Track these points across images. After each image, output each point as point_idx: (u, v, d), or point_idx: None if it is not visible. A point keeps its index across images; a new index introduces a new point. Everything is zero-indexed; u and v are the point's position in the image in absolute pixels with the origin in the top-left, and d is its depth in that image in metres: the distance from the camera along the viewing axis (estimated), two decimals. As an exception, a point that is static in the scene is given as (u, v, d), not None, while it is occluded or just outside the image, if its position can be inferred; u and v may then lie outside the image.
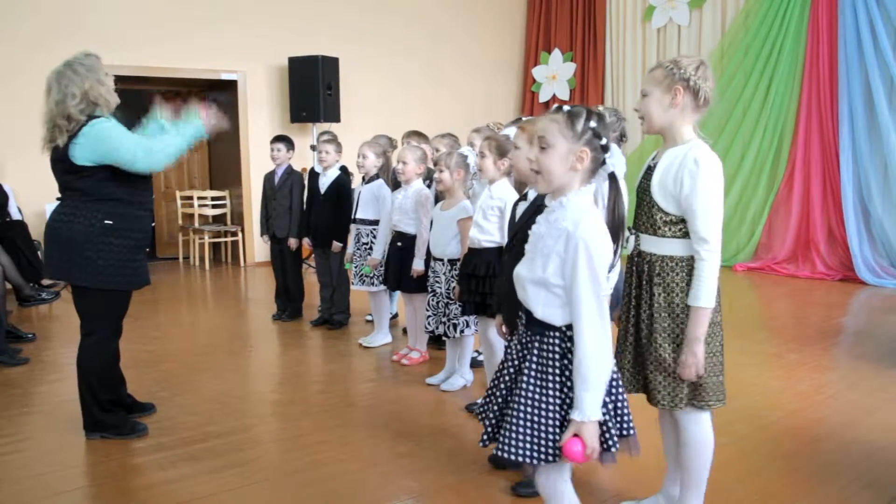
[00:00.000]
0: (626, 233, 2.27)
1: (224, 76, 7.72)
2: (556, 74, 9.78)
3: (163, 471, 2.84)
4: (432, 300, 3.83)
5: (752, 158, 7.70)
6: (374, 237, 4.55)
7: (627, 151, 8.68)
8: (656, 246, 2.14)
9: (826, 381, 3.93)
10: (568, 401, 1.75)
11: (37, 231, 6.36)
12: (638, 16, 8.98)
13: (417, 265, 4.05)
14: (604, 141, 1.76)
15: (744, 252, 7.75)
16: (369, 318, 5.18)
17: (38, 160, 6.65)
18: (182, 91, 8.59)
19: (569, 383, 1.75)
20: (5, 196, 6.01)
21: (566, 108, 1.78)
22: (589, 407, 1.68)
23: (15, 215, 6.17)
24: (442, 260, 3.78)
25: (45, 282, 6.14)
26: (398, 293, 5.01)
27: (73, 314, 3.08)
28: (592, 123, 1.75)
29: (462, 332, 3.71)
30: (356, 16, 8.45)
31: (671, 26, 8.62)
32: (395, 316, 5.27)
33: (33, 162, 6.44)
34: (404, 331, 4.84)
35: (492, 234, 3.31)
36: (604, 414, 1.75)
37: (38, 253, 6.20)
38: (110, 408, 3.16)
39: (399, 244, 4.19)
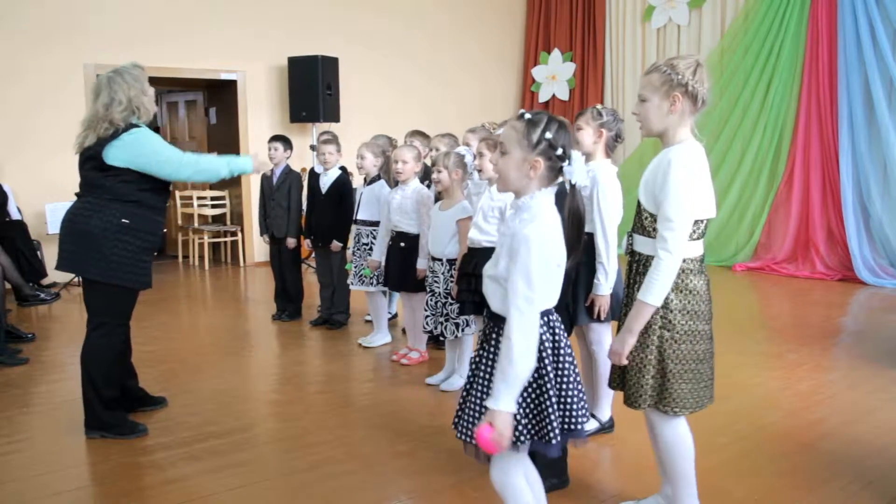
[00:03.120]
0: (626, 235, 2.28)
1: (224, 76, 7.72)
2: (555, 74, 9.78)
3: (163, 471, 2.84)
4: (431, 300, 3.83)
5: (752, 158, 7.70)
6: (375, 238, 4.55)
7: (627, 153, 8.72)
8: (644, 245, 2.15)
9: (826, 381, 3.93)
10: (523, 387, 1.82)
11: (36, 231, 6.38)
12: (637, 16, 8.98)
13: (421, 265, 4.05)
14: (559, 151, 1.79)
15: (743, 252, 7.75)
16: (368, 318, 5.18)
17: (37, 160, 6.69)
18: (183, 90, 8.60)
19: None
20: (5, 196, 6.02)
21: (527, 115, 1.82)
22: (503, 398, 1.73)
23: (14, 215, 6.17)
24: (441, 260, 3.79)
25: (45, 282, 6.15)
26: (397, 293, 5.02)
27: (73, 314, 3.10)
28: (549, 134, 1.78)
29: (462, 331, 3.71)
30: (356, 16, 8.45)
31: (671, 26, 8.62)
32: (394, 316, 5.28)
33: (33, 162, 6.50)
34: (403, 331, 4.84)
35: (491, 234, 3.32)
36: (547, 406, 1.81)
37: (38, 253, 6.21)
38: (112, 406, 3.18)
39: (402, 244, 4.19)
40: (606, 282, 2.87)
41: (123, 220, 3.03)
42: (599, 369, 3.04)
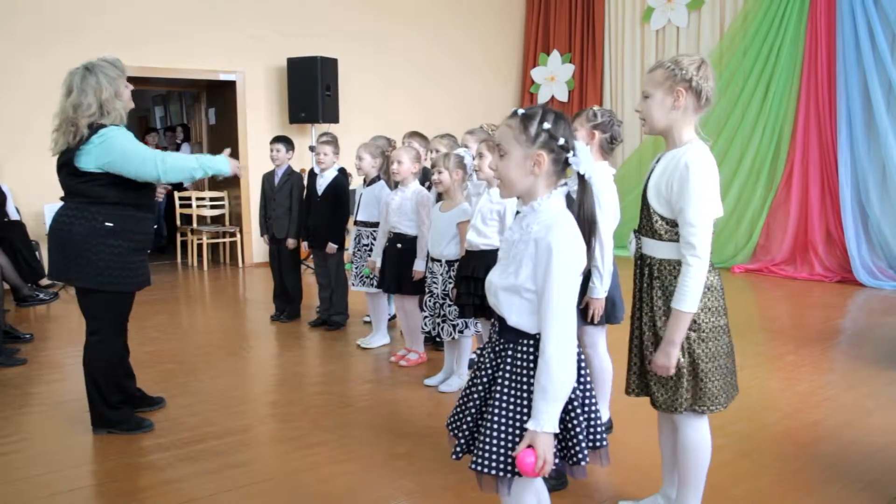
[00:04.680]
0: (631, 235, 2.27)
1: (223, 76, 7.71)
2: (554, 76, 9.79)
3: (161, 471, 2.84)
4: (429, 301, 3.83)
5: (751, 160, 7.71)
6: (375, 238, 4.55)
7: (626, 153, 8.72)
8: (655, 249, 2.14)
9: (824, 383, 3.93)
10: None
11: (35, 231, 6.37)
12: (637, 17, 8.99)
13: (419, 266, 4.05)
14: (561, 141, 1.69)
15: (742, 253, 7.75)
16: (367, 319, 5.18)
17: (36, 160, 6.66)
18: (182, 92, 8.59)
19: None
20: (3, 196, 6.00)
21: (520, 111, 1.73)
22: (545, 418, 1.63)
23: (13, 215, 6.16)
24: (440, 261, 3.78)
25: (43, 282, 6.14)
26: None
27: (71, 315, 3.09)
28: (546, 125, 1.68)
29: (461, 332, 3.71)
30: (355, 16, 8.46)
31: (670, 28, 8.63)
32: (393, 317, 5.27)
33: (31, 162, 6.48)
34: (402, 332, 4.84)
35: (489, 237, 3.32)
36: (576, 426, 1.72)
37: (37, 253, 6.20)
38: (117, 405, 3.19)
39: (399, 246, 4.18)
40: (601, 285, 2.87)
41: (107, 224, 2.96)
42: (594, 372, 3.04)
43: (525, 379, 1.71)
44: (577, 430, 1.72)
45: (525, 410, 1.70)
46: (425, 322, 3.86)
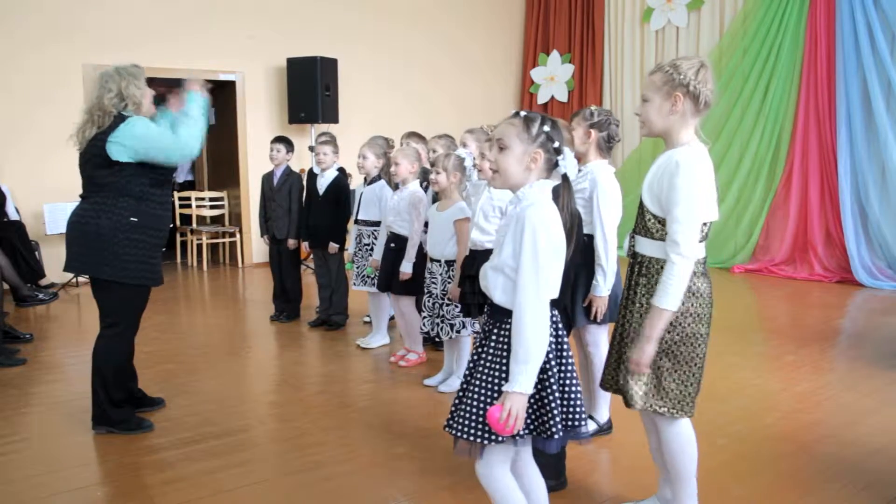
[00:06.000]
0: (627, 236, 2.27)
1: (222, 77, 7.70)
2: (554, 76, 9.79)
3: (161, 471, 2.84)
4: (428, 301, 3.83)
5: (750, 160, 7.71)
6: (376, 238, 4.55)
7: (626, 153, 8.72)
8: (646, 247, 2.15)
9: (824, 383, 3.93)
10: None
11: (34, 231, 6.37)
12: (636, 17, 8.99)
13: (405, 268, 4.05)
14: (556, 144, 1.87)
15: (741, 254, 7.76)
16: (367, 319, 5.18)
17: (35, 160, 6.67)
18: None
19: None
20: (3, 196, 6.00)
21: (522, 113, 1.90)
22: (517, 379, 1.76)
23: (13, 215, 6.15)
24: (439, 261, 3.78)
25: (43, 282, 6.14)
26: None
27: (71, 315, 3.09)
28: (546, 128, 1.86)
29: (458, 332, 3.71)
30: (355, 17, 8.46)
31: (669, 28, 8.63)
32: (393, 317, 5.27)
33: (31, 162, 6.49)
34: (402, 332, 4.84)
35: (493, 234, 3.31)
36: (551, 401, 1.83)
37: (36, 253, 6.20)
38: (120, 403, 3.21)
39: (392, 245, 4.19)
40: (605, 283, 2.87)
41: (132, 219, 3.05)
42: (596, 371, 3.04)
43: (506, 354, 1.84)
44: (553, 405, 1.83)
45: (502, 382, 1.82)
46: (424, 322, 3.86)
